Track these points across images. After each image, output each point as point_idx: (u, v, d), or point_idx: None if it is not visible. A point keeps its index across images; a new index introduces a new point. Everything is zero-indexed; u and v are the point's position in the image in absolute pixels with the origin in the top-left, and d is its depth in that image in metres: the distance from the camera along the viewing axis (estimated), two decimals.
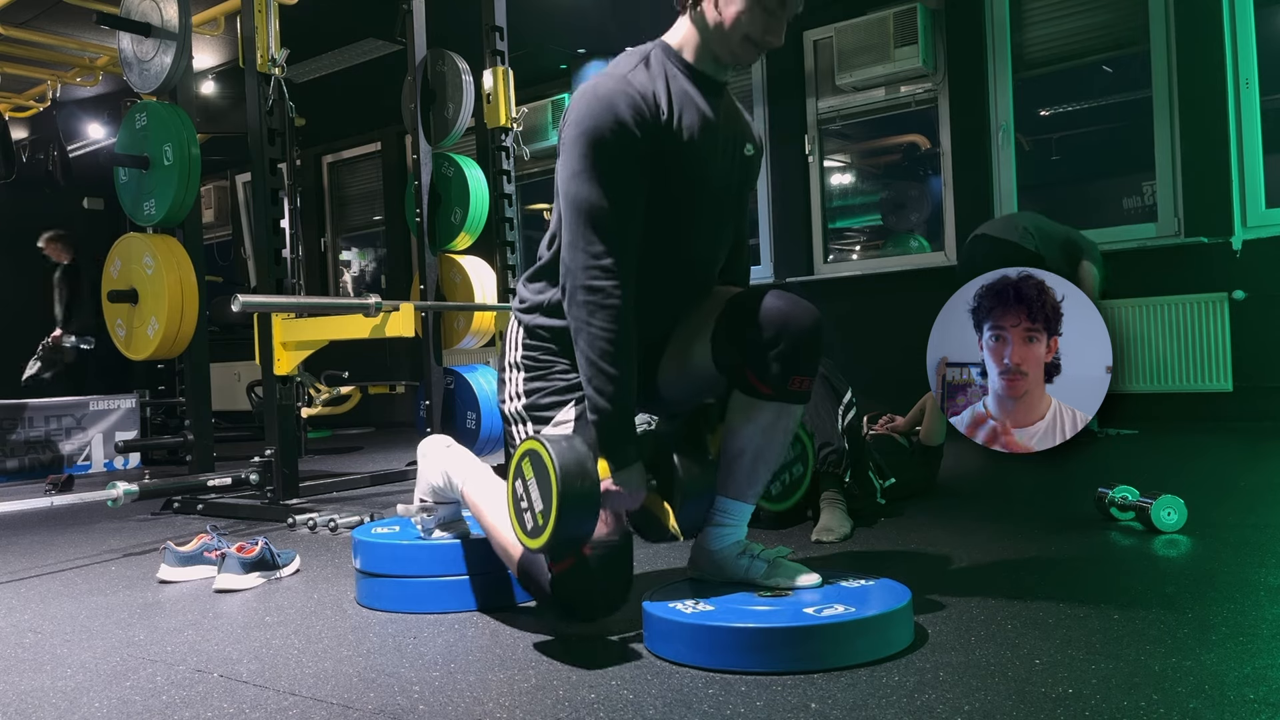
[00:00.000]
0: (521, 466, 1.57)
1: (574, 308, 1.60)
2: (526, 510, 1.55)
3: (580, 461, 1.50)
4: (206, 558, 2.29)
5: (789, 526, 2.57)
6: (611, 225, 1.58)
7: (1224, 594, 1.70)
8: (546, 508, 1.50)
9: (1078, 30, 5.01)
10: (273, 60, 3.29)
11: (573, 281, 1.60)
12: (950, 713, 1.22)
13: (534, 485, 1.53)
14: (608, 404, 1.57)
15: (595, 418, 1.58)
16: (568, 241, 1.61)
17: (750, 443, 1.68)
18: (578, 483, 1.48)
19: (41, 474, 4.97)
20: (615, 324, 1.57)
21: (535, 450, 1.53)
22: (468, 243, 4.21)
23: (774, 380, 1.61)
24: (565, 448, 1.51)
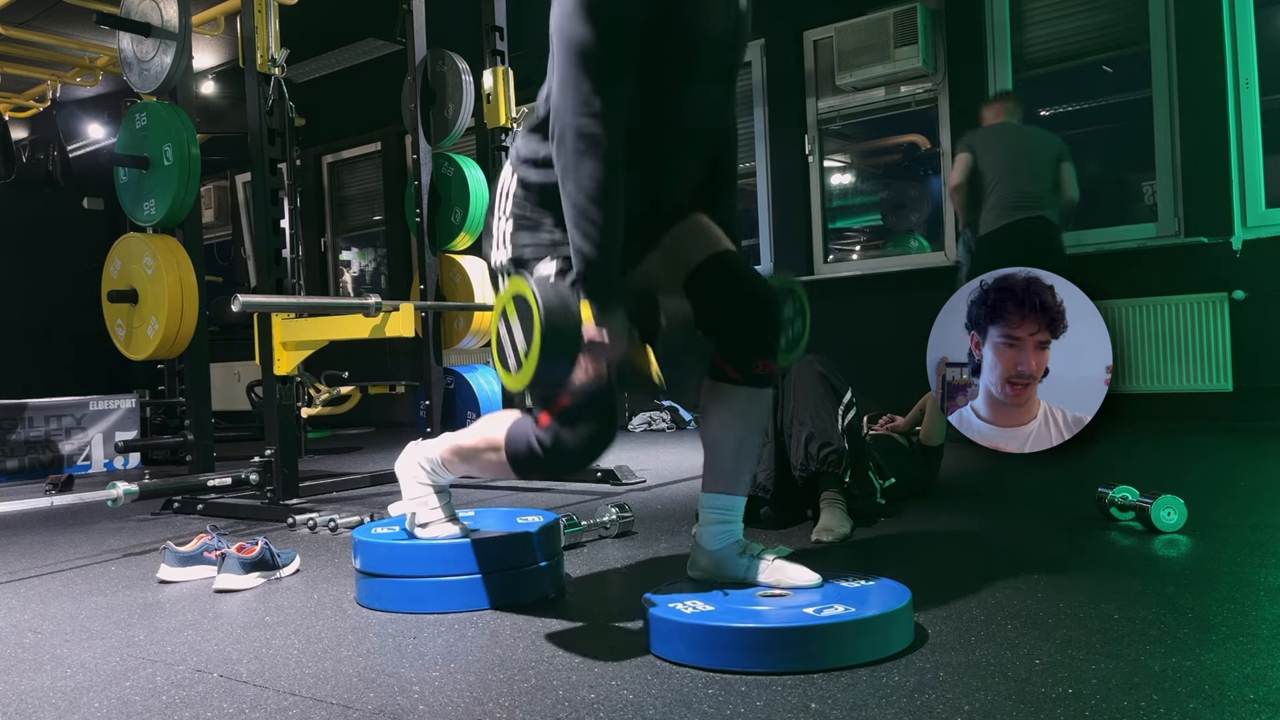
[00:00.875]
0: (505, 309, 1.56)
1: (561, 151, 1.56)
2: (510, 351, 1.55)
3: (562, 298, 1.50)
4: (206, 558, 2.29)
5: (789, 526, 2.58)
6: (604, 67, 1.54)
7: (1224, 594, 1.70)
8: (528, 344, 1.49)
9: (1078, 30, 5.01)
10: (273, 60, 3.29)
11: (561, 124, 1.56)
12: (950, 713, 1.22)
13: (517, 325, 1.53)
14: (592, 248, 1.54)
15: (579, 262, 1.55)
16: (558, 84, 1.57)
17: (730, 432, 1.71)
18: (560, 317, 1.48)
19: (41, 474, 4.96)
20: (603, 168, 1.53)
21: (519, 291, 1.52)
22: (468, 243, 4.21)
23: (739, 365, 1.67)
24: (548, 286, 1.51)
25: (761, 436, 1.78)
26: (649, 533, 2.59)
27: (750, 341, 1.69)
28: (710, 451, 1.75)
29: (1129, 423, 4.44)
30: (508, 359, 1.56)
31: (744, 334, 1.69)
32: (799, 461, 2.52)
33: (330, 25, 6.42)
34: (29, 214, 8.16)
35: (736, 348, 1.69)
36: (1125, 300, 4.54)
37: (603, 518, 2.53)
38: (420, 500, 1.96)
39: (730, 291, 1.69)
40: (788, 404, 2.58)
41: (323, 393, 5.89)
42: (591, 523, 2.50)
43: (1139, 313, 4.55)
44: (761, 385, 1.71)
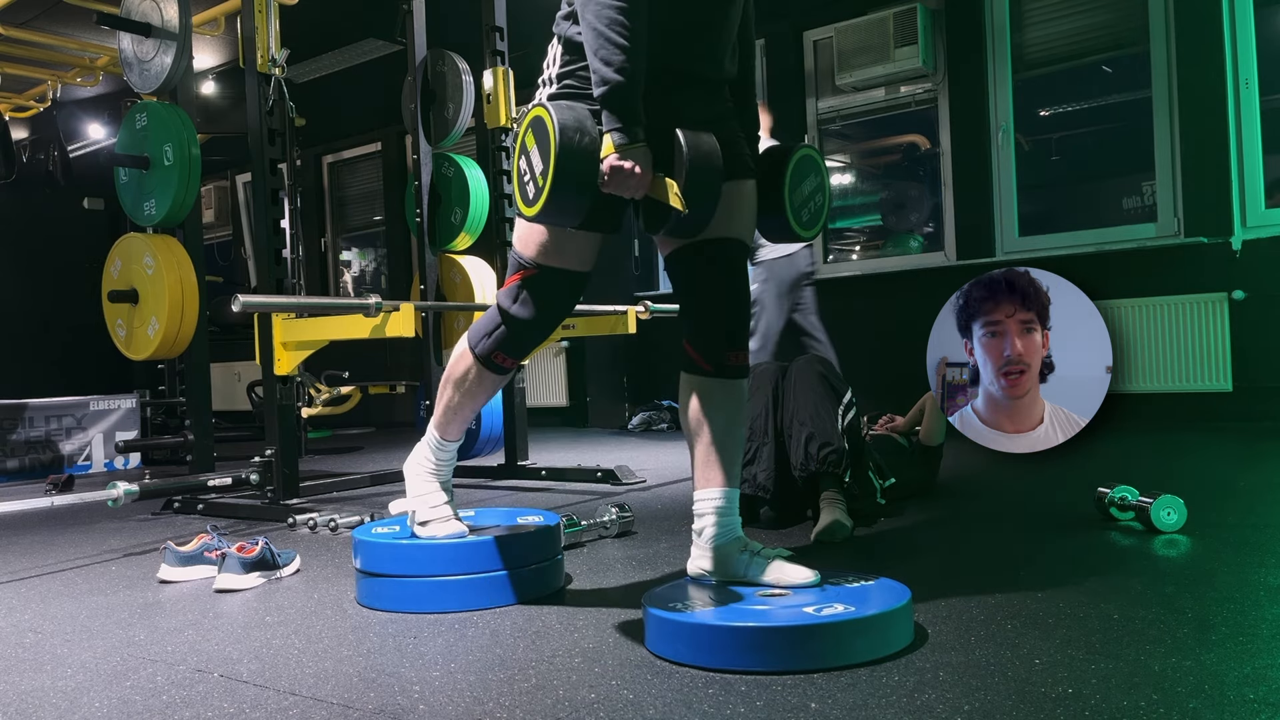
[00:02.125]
0: (525, 139, 1.54)
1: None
2: (529, 181, 1.54)
3: (578, 117, 1.49)
4: (207, 558, 2.29)
5: (789, 526, 2.58)
6: None
7: (1224, 594, 1.70)
8: (545, 166, 1.48)
9: (1078, 30, 5.01)
10: (273, 60, 3.29)
11: None
12: (950, 713, 1.22)
13: (535, 152, 1.51)
14: (615, 74, 1.52)
15: (603, 89, 1.54)
16: None
17: (711, 424, 1.74)
18: (575, 135, 1.47)
19: (42, 474, 4.97)
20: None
21: (537, 114, 1.51)
22: (468, 243, 4.21)
23: (712, 358, 1.72)
24: (566, 108, 1.50)
25: (744, 427, 1.80)
26: (649, 533, 2.59)
27: (723, 334, 1.72)
28: (695, 446, 1.78)
29: (1129, 423, 4.44)
30: (527, 189, 1.55)
31: (717, 327, 1.73)
32: (799, 461, 2.52)
33: (330, 25, 6.42)
34: (29, 214, 8.15)
35: (710, 340, 1.73)
36: (1125, 300, 4.54)
37: (603, 518, 2.53)
38: (422, 498, 1.96)
39: (716, 284, 1.73)
40: (788, 404, 2.58)
41: (323, 393, 5.89)
42: (591, 523, 2.50)
43: (1139, 313, 4.54)
44: (735, 376, 1.74)
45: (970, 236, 5.21)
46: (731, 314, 1.75)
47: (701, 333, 1.74)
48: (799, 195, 1.81)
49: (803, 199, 1.81)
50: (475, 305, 4.01)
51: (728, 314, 1.74)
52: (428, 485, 1.96)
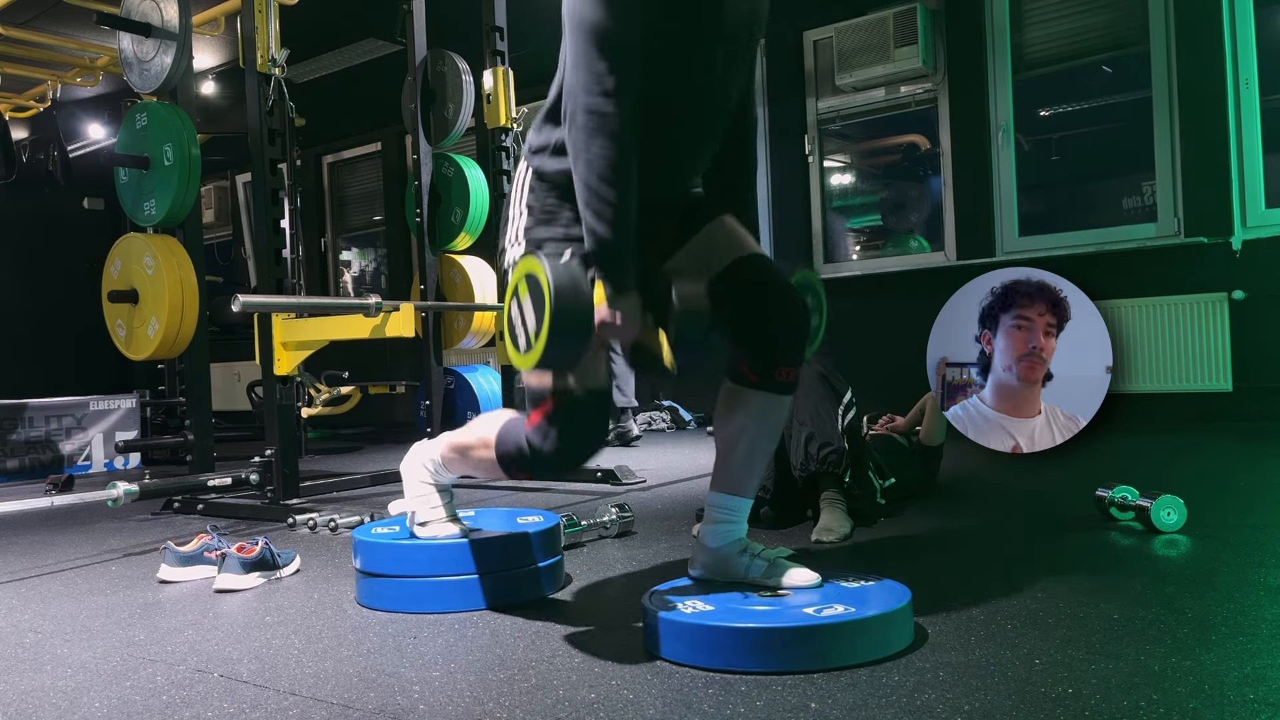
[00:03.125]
0: (518, 288, 1.54)
1: (574, 130, 1.55)
2: (520, 330, 1.54)
3: (574, 277, 1.48)
4: (206, 558, 2.29)
5: (789, 526, 2.58)
6: (615, 46, 1.52)
7: (1224, 594, 1.70)
8: (539, 323, 1.48)
9: (1078, 30, 5.01)
10: (273, 60, 3.29)
11: (574, 103, 1.55)
12: (950, 713, 1.22)
13: (528, 304, 1.51)
14: (605, 227, 1.52)
15: (592, 243, 1.54)
16: (570, 63, 1.56)
17: (744, 434, 1.69)
18: (570, 296, 1.46)
19: (41, 474, 4.96)
20: (616, 147, 1.52)
21: (531, 270, 1.51)
22: (468, 243, 4.21)
23: (761, 370, 1.64)
24: (560, 265, 1.49)
25: (775, 443, 1.75)
26: (649, 533, 2.59)
27: (777, 347, 1.64)
28: (722, 452, 1.74)
29: (1129, 423, 4.44)
30: (518, 338, 1.54)
31: (772, 339, 1.65)
32: (799, 461, 2.52)
33: (330, 25, 6.41)
34: (29, 214, 8.15)
35: (762, 353, 1.65)
36: (1125, 300, 4.54)
37: (603, 518, 2.53)
38: (421, 499, 1.96)
39: (759, 297, 1.65)
40: None
41: (323, 393, 5.89)
42: (591, 523, 2.50)
43: (1139, 313, 4.54)
44: (782, 392, 1.68)
45: (970, 236, 5.21)
46: (780, 326, 1.66)
47: (751, 346, 1.66)
48: None
49: None
50: (475, 305, 4.01)
51: (776, 326, 1.65)
52: (425, 488, 1.96)
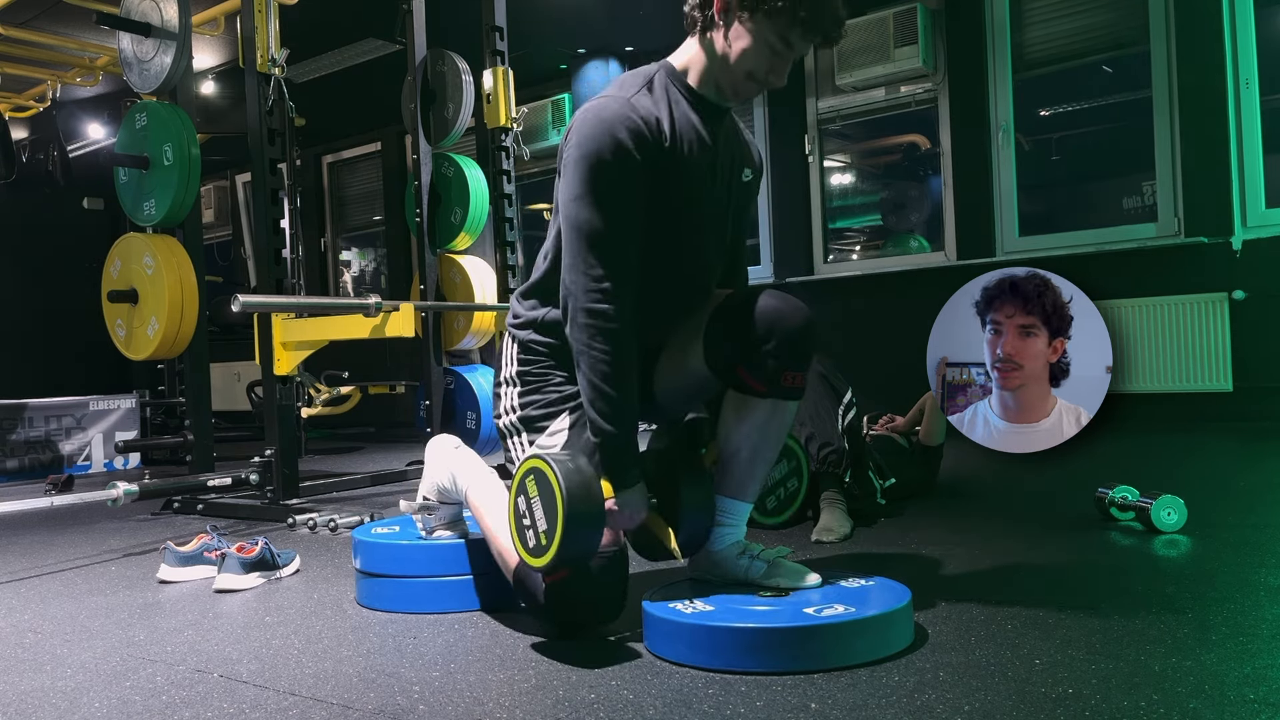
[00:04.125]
0: (525, 484, 1.57)
1: (575, 330, 1.61)
2: (529, 528, 1.55)
3: (586, 484, 1.50)
4: (206, 558, 2.29)
5: (789, 526, 2.57)
6: (611, 248, 1.59)
7: (1224, 594, 1.70)
8: (551, 528, 1.50)
9: (1078, 30, 5.01)
10: (273, 60, 3.29)
11: (574, 304, 1.61)
12: (950, 713, 1.22)
13: (538, 504, 1.53)
14: (610, 426, 1.58)
15: (598, 440, 1.59)
16: (568, 264, 1.62)
17: (747, 441, 1.69)
18: (583, 505, 1.48)
19: (41, 474, 4.96)
20: (616, 346, 1.58)
21: (540, 470, 1.53)
22: (468, 243, 4.21)
23: (767, 377, 1.63)
24: (571, 469, 1.51)
25: (779, 449, 1.75)
26: None
27: (785, 355, 1.61)
28: (725, 457, 1.73)
29: (1129, 423, 4.43)
30: (527, 537, 1.56)
31: (775, 347, 1.60)
32: None
33: (330, 25, 6.41)
34: (29, 214, 8.15)
35: (767, 361, 1.61)
36: (1125, 300, 4.54)
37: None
38: (433, 511, 1.97)
39: (755, 312, 1.62)
40: None
41: (323, 393, 5.89)
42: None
43: (1139, 313, 4.54)
44: (788, 398, 1.67)
45: (970, 236, 5.21)
46: (795, 332, 1.62)
47: (752, 356, 1.62)
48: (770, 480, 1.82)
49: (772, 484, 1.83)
50: (475, 305, 4.01)
51: (791, 332, 1.61)
52: (438, 492, 1.97)
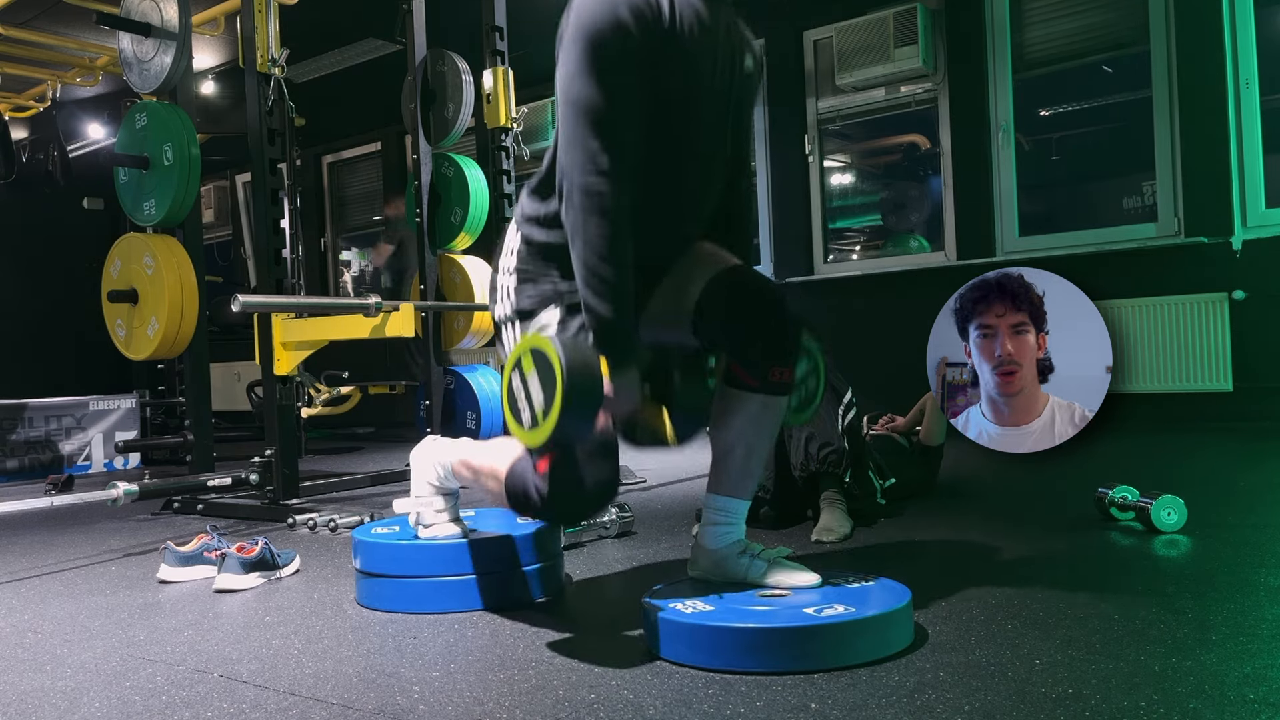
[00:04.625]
0: (522, 363, 1.54)
1: (571, 210, 1.57)
2: (524, 406, 1.53)
3: (584, 356, 1.49)
4: (206, 558, 2.29)
5: (789, 526, 2.58)
6: (609, 126, 1.55)
7: (1224, 594, 1.70)
8: (548, 404, 1.47)
9: (1078, 30, 5.01)
10: (273, 60, 3.29)
11: (569, 183, 1.57)
12: (950, 713, 1.22)
13: (534, 380, 1.50)
14: (605, 306, 1.55)
15: (593, 320, 1.56)
16: (565, 142, 1.58)
17: (740, 437, 1.70)
18: (582, 379, 1.46)
19: (41, 474, 4.96)
20: (612, 226, 1.54)
21: (538, 347, 1.51)
22: (468, 243, 4.21)
23: (756, 372, 1.65)
24: (569, 344, 1.49)
25: (772, 444, 1.76)
26: (649, 533, 2.59)
27: (768, 349, 1.65)
28: (719, 454, 1.74)
29: (1129, 423, 4.43)
30: (521, 415, 1.54)
31: (762, 342, 1.65)
32: (799, 461, 2.52)
33: (330, 25, 6.41)
34: (29, 214, 8.15)
35: (754, 355, 1.65)
36: (1125, 300, 4.54)
37: (603, 518, 2.53)
38: (426, 501, 1.97)
39: (749, 301, 1.66)
40: None
41: (323, 393, 5.89)
42: (591, 523, 2.50)
43: (1139, 313, 4.54)
44: (778, 393, 1.68)
45: (970, 236, 5.21)
46: (775, 327, 1.66)
47: (742, 349, 1.66)
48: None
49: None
50: (475, 305, 4.01)
51: (767, 327, 1.66)
52: (430, 489, 1.97)
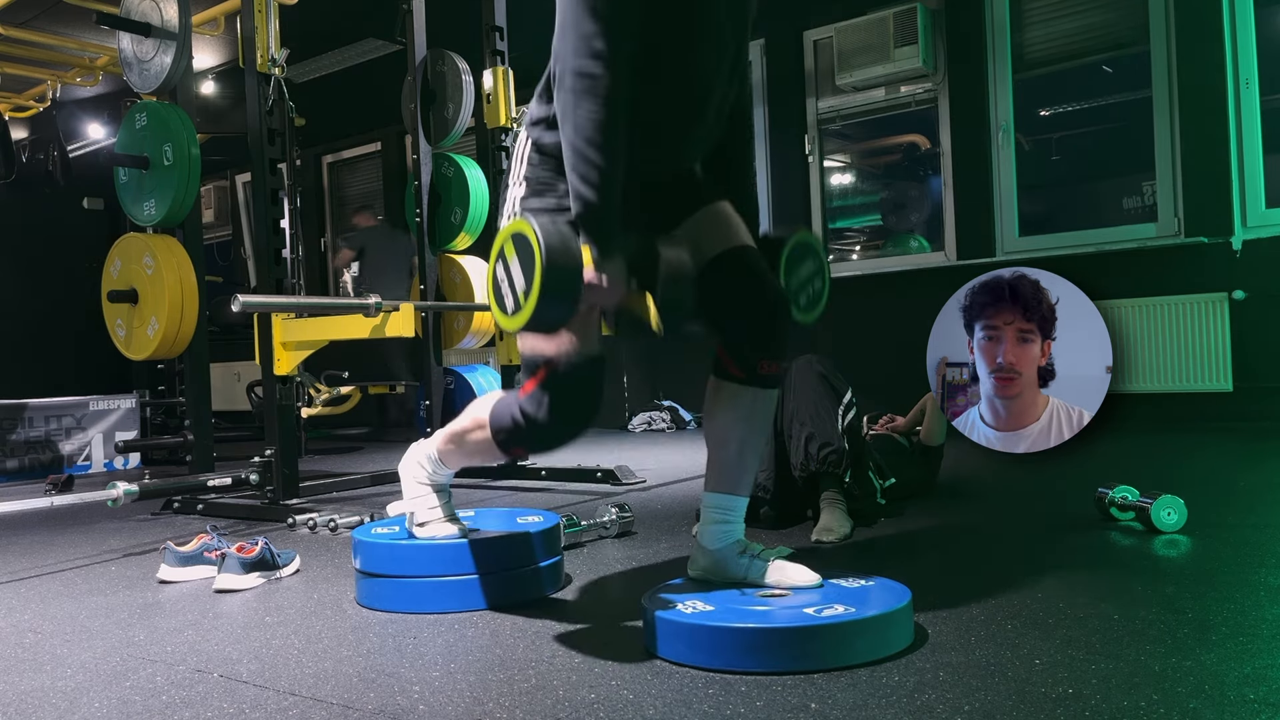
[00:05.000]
0: (504, 250, 1.53)
1: (562, 93, 1.54)
2: (507, 291, 1.53)
3: (564, 237, 1.48)
4: (206, 558, 2.29)
5: (789, 526, 2.58)
6: (605, 7, 1.50)
7: (1224, 594, 1.70)
8: (528, 285, 1.47)
9: (1078, 30, 5.01)
10: (273, 60, 3.29)
11: (562, 66, 1.54)
12: (950, 713, 1.22)
13: (516, 265, 1.50)
14: (591, 191, 1.52)
15: (579, 206, 1.53)
16: (560, 26, 1.54)
17: (734, 435, 1.71)
18: (561, 256, 1.46)
19: (41, 474, 4.96)
20: (604, 109, 1.51)
21: (519, 230, 1.50)
22: (468, 243, 4.21)
23: (745, 365, 1.67)
24: (549, 224, 1.48)
25: (766, 437, 1.77)
26: (649, 533, 2.59)
27: (757, 341, 1.68)
28: (714, 451, 1.75)
29: (1129, 423, 4.44)
30: (504, 300, 1.53)
31: (752, 334, 1.68)
32: (799, 461, 2.52)
33: (330, 25, 6.41)
34: (29, 214, 8.15)
35: (743, 347, 1.68)
36: (1125, 300, 4.54)
37: (603, 518, 2.53)
38: (419, 499, 1.96)
39: (742, 290, 1.67)
40: (788, 404, 2.58)
41: (323, 393, 5.89)
42: (591, 523, 2.50)
43: (1139, 313, 4.54)
44: (767, 386, 1.70)
45: (970, 236, 5.21)
46: (763, 319, 1.68)
47: (733, 339, 1.69)
48: (796, 279, 1.81)
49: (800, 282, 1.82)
50: (475, 305, 4.01)
51: (759, 319, 1.68)
52: (423, 488, 1.96)
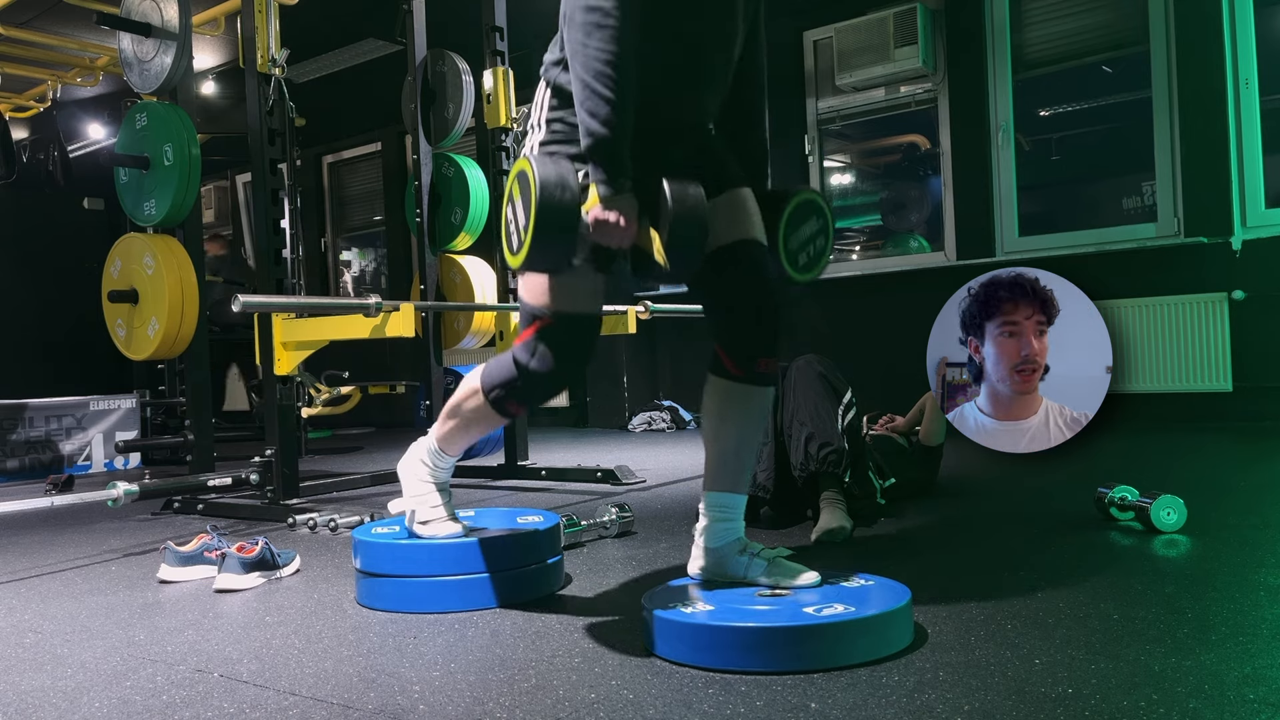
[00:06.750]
0: (511, 191, 1.57)
1: (571, 30, 1.55)
2: (514, 231, 1.56)
3: (560, 173, 1.50)
4: (206, 558, 2.29)
5: (789, 526, 2.58)
6: None
7: (1224, 594, 1.70)
8: (527, 219, 1.50)
9: (1078, 30, 5.01)
10: (273, 60, 3.29)
11: (571, 4, 1.55)
12: (950, 713, 1.22)
13: (519, 204, 1.54)
14: (601, 127, 1.52)
15: (588, 142, 1.53)
16: None
17: (732, 433, 1.72)
18: (555, 190, 1.48)
19: (41, 474, 4.96)
20: (613, 45, 1.51)
21: (522, 169, 1.53)
22: (468, 243, 4.21)
23: (743, 362, 1.68)
24: (548, 162, 1.51)
25: (763, 435, 1.78)
26: (649, 533, 2.59)
27: (754, 339, 1.69)
28: (711, 449, 1.76)
29: (1129, 422, 4.44)
30: (511, 238, 1.57)
31: (749, 331, 1.69)
32: (799, 461, 2.52)
33: (330, 25, 6.41)
34: (29, 214, 8.15)
35: (740, 343, 1.69)
36: (1125, 300, 4.54)
37: (603, 518, 2.53)
38: (420, 498, 1.96)
39: (742, 286, 1.69)
40: (788, 404, 2.58)
41: (323, 393, 5.89)
42: (591, 523, 2.50)
43: (1139, 313, 4.54)
44: (763, 384, 1.72)
45: (970, 236, 5.21)
46: (762, 318, 1.70)
47: (732, 336, 1.70)
48: (797, 238, 1.81)
49: (801, 242, 1.81)
50: (475, 305, 4.01)
51: (758, 317, 1.69)
52: (425, 486, 1.96)
